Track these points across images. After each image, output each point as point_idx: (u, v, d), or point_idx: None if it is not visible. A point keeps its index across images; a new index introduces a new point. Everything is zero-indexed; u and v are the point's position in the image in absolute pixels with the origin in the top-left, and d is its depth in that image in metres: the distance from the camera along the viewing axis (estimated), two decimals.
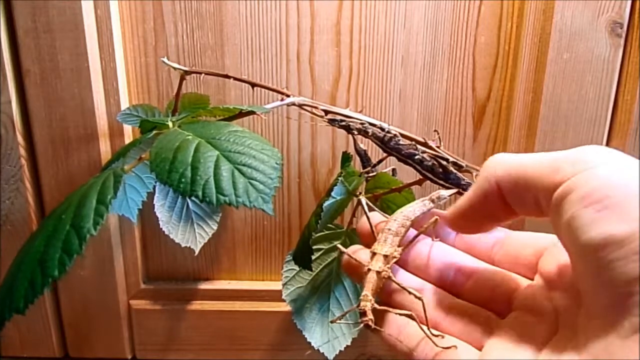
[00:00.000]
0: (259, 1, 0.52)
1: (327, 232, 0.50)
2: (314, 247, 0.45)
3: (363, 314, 0.27)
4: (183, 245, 0.53)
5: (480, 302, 0.28)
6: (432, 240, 0.31)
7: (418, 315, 0.27)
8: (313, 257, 0.45)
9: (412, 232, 0.31)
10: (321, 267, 0.50)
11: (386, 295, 0.30)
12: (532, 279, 0.27)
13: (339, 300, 0.50)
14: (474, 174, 0.41)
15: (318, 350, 0.49)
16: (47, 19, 0.49)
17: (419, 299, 0.27)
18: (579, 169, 0.21)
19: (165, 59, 0.47)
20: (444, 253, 0.30)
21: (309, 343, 0.49)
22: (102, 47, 0.51)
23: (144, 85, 0.55)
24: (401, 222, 0.30)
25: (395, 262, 0.30)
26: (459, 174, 0.40)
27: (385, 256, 0.29)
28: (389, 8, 0.53)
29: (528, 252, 0.28)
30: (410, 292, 0.28)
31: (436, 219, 0.30)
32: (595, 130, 0.53)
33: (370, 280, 0.28)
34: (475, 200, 0.26)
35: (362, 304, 0.27)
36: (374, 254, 0.29)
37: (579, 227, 0.20)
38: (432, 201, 0.32)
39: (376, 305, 0.28)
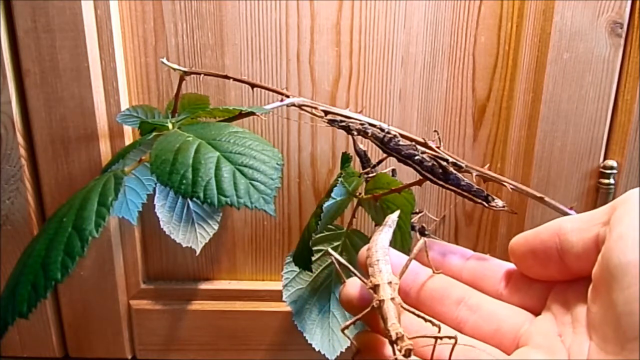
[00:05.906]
0: (259, 1, 0.52)
1: (327, 233, 0.50)
2: (314, 248, 0.45)
3: (400, 339, 0.25)
4: (184, 245, 0.53)
5: (484, 337, 0.27)
6: (433, 272, 0.30)
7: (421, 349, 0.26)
8: (313, 259, 0.45)
9: (399, 261, 0.30)
10: (321, 268, 0.50)
11: (375, 324, 0.28)
12: (539, 314, 0.27)
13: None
14: (474, 174, 0.41)
15: (319, 351, 0.49)
16: (47, 19, 0.48)
17: (437, 326, 0.26)
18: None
19: (164, 60, 0.46)
20: (448, 286, 0.30)
21: (310, 344, 0.49)
22: (102, 47, 0.51)
23: (144, 85, 0.55)
24: (382, 251, 0.29)
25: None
26: (459, 175, 0.40)
27: (390, 283, 0.28)
28: (389, 8, 0.53)
29: (537, 286, 0.27)
30: (426, 320, 0.27)
31: (424, 242, 0.29)
32: (595, 130, 0.53)
33: (390, 309, 0.27)
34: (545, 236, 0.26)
35: (392, 333, 0.25)
36: (376, 286, 0.28)
37: (624, 247, 0.20)
38: (390, 226, 0.32)
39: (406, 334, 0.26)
